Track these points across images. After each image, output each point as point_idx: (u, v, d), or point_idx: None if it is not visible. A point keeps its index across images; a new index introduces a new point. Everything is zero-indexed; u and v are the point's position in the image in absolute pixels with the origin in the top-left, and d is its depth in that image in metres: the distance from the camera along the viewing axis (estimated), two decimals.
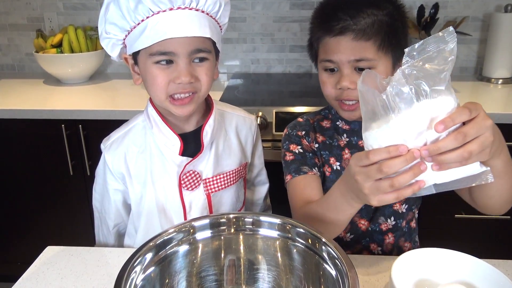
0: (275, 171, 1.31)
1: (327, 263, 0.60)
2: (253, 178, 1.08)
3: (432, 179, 0.58)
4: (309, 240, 0.64)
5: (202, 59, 0.81)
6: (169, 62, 0.79)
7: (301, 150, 0.94)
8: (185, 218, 0.90)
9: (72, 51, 1.90)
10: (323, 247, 0.62)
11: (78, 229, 1.09)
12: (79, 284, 0.77)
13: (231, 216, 0.68)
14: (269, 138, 1.51)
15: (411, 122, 0.54)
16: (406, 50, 0.56)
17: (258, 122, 1.46)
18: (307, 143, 0.95)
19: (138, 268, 0.58)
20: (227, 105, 1.01)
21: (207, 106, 0.94)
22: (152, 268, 0.61)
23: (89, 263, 0.83)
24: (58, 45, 1.92)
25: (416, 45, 0.56)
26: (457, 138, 0.53)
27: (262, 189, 1.11)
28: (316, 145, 0.96)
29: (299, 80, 1.99)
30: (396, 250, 0.96)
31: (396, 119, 0.54)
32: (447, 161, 0.54)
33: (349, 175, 0.63)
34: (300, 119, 1.00)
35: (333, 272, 0.59)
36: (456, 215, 1.59)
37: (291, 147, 0.94)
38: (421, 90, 0.54)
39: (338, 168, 0.94)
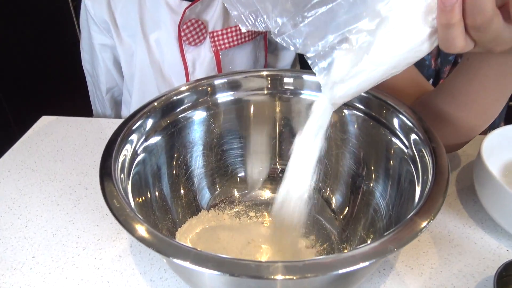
0: None
1: (398, 137, 0.43)
2: None
3: None
4: (373, 107, 0.46)
5: None
6: None
7: None
8: (188, 80, 0.72)
9: None
10: (394, 117, 0.44)
11: (86, 107, 0.96)
12: (77, 158, 0.64)
13: (265, 73, 0.50)
14: None
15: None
16: None
17: None
18: None
19: (135, 136, 0.42)
20: None
21: None
22: (155, 137, 0.45)
23: (90, 135, 0.69)
24: None
25: None
26: None
27: (288, 54, 0.89)
28: None
29: None
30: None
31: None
32: None
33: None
34: None
35: (407, 150, 0.41)
36: None
37: None
38: None
39: None
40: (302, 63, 0.92)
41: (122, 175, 0.39)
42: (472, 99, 0.47)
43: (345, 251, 0.44)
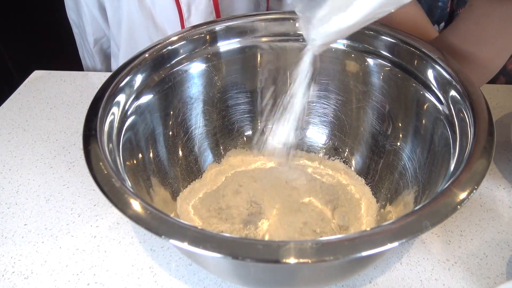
0: None
1: (432, 93, 0.37)
2: None
3: None
4: (402, 55, 0.39)
5: None
6: None
7: None
8: (183, 28, 0.65)
9: None
10: (428, 68, 0.37)
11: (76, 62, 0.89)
12: (71, 116, 0.59)
13: (272, 17, 0.43)
14: None
15: None
16: None
17: None
18: None
19: (125, 93, 0.37)
20: None
21: None
22: (148, 94, 0.39)
23: (85, 91, 0.64)
24: None
25: None
26: None
27: None
28: None
29: None
30: None
31: None
32: None
33: None
34: None
35: (443, 108, 0.35)
36: None
37: None
38: None
39: None
40: None
41: (110, 137, 0.34)
42: (492, 36, 0.43)
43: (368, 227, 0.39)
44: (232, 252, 0.25)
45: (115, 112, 0.35)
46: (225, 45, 0.43)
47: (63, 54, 0.98)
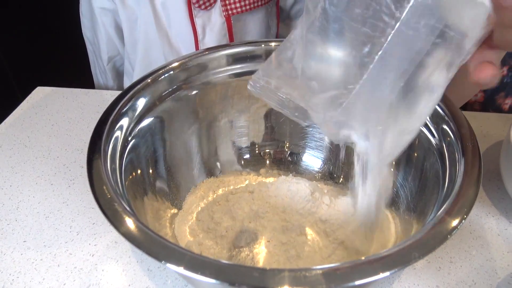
0: None
1: (424, 125, 0.38)
2: (289, 6, 0.78)
3: None
4: None
5: None
6: None
7: None
8: (197, 48, 0.67)
9: None
10: None
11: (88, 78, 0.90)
12: (73, 133, 0.60)
13: (273, 44, 0.45)
14: None
15: None
16: None
17: None
18: None
19: (125, 120, 0.38)
20: None
21: None
22: (149, 118, 0.40)
23: (87, 108, 0.65)
24: None
25: None
26: None
27: None
28: None
29: None
30: None
31: None
32: None
33: None
34: None
35: (434, 140, 0.37)
36: None
37: None
38: None
39: None
40: None
41: (113, 160, 0.35)
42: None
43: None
44: (228, 279, 0.26)
45: (118, 136, 0.36)
46: (222, 72, 0.45)
47: (70, 71, 0.99)
